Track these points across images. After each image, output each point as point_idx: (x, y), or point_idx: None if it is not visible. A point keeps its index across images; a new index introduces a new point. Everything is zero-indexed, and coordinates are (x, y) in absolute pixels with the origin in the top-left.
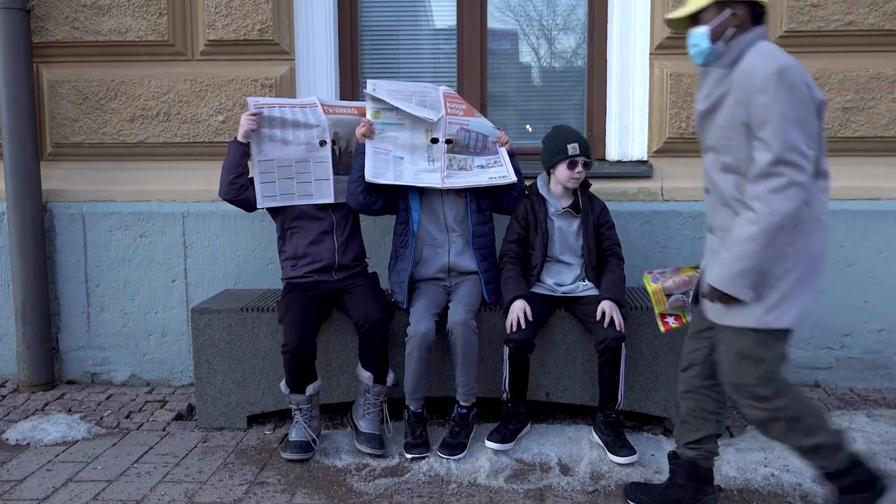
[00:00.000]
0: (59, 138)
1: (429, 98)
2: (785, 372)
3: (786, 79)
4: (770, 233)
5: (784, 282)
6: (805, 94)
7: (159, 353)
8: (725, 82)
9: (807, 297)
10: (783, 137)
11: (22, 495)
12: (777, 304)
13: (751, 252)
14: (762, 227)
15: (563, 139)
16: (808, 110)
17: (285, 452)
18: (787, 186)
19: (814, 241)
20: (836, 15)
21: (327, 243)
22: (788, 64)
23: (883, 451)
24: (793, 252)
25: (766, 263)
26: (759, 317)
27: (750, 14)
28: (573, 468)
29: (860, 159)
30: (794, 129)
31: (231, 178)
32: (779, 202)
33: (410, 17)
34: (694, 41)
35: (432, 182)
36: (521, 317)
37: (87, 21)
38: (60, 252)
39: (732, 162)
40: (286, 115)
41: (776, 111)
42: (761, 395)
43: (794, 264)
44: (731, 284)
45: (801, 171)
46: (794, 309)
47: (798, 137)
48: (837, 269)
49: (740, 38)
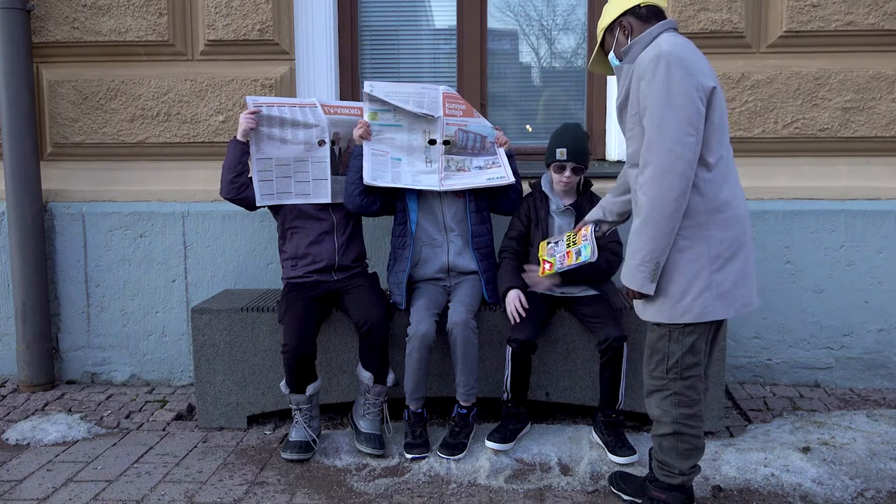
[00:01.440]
0: (59, 138)
1: (427, 99)
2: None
3: (661, 64)
4: (653, 222)
5: (685, 276)
6: (684, 79)
7: (159, 353)
8: (628, 76)
9: (718, 291)
10: (657, 124)
11: (22, 495)
12: (680, 299)
13: (641, 244)
14: (644, 217)
15: (555, 142)
16: (687, 97)
17: (285, 452)
18: (663, 174)
19: (715, 234)
20: (836, 15)
21: (327, 244)
22: (669, 51)
23: (883, 451)
24: (690, 245)
25: (660, 255)
26: (664, 311)
27: (636, 18)
28: (573, 468)
29: (860, 159)
30: (670, 115)
31: (231, 176)
32: (656, 191)
33: (410, 17)
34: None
35: (430, 184)
36: (517, 307)
37: (87, 21)
38: (60, 252)
39: (633, 153)
40: (285, 114)
41: (653, 98)
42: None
43: (694, 257)
44: (632, 278)
45: (677, 158)
46: (699, 303)
47: (674, 124)
48: (837, 269)
49: (642, 33)
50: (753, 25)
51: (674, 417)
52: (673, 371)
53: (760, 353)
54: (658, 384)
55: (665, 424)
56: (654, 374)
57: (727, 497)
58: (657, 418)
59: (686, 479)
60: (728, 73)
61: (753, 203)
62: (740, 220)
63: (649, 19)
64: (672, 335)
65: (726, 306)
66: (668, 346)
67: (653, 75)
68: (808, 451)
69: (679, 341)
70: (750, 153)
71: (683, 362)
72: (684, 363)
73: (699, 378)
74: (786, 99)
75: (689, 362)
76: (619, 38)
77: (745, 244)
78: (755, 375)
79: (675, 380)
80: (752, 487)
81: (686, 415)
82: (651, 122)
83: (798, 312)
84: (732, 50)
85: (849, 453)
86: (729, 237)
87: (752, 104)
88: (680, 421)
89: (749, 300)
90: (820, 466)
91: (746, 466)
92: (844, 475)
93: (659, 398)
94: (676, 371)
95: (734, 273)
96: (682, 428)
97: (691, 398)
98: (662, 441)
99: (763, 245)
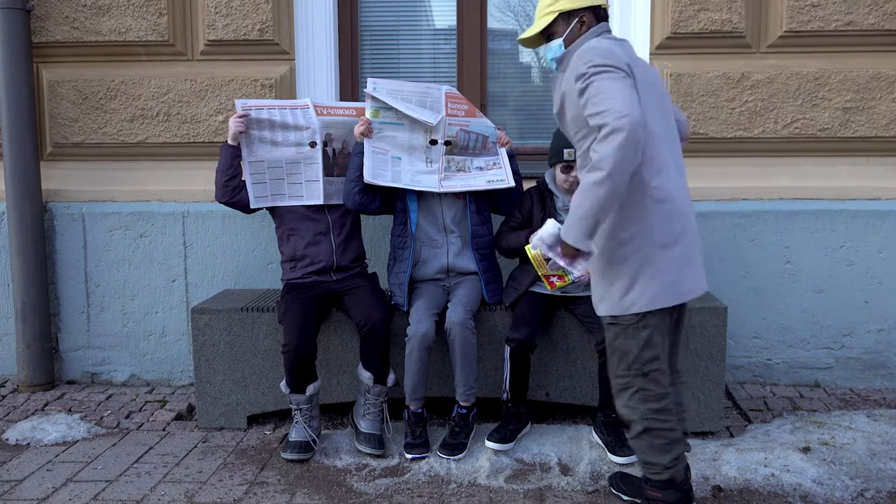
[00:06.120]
0: (59, 138)
1: (430, 99)
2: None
3: (585, 56)
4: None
5: (629, 266)
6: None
7: (159, 353)
8: (562, 84)
9: (663, 280)
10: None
11: (22, 495)
12: (627, 290)
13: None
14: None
15: (562, 142)
16: (622, 81)
17: (285, 452)
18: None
19: (656, 224)
20: (836, 15)
21: (325, 244)
22: (593, 45)
23: (883, 451)
24: (630, 237)
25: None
26: (614, 304)
27: (596, 18)
28: (573, 468)
29: (860, 159)
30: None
31: (224, 180)
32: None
33: (410, 17)
34: (551, 55)
35: (430, 185)
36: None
37: (87, 21)
38: (60, 252)
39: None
40: (275, 116)
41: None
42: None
43: (635, 248)
44: (570, 231)
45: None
46: (647, 293)
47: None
48: (837, 269)
49: (577, 40)
50: (753, 25)
51: (642, 414)
52: (634, 367)
53: (760, 353)
54: (622, 382)
55: (636, 423)
56: (617, 374)
57: (727, 497)
58: (627, 417)
59: (674, 472)
60: (728, 73)
61: (753, 203)
62: (684, 214)
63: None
64: (627, 331)
65: (673, 294)
66: (624, 342)
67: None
68: (808, 451)
69: (634, 336)
70: (750, 153)
71: (642, 357)
72: (643, 358)
73: (661, 372)
74: (786, 99)
75: (648, 356)
76: (574, 30)
77: (688, 230)
78: (755, 375)
79: (637, 376)
80: (752, 487)
81: (654, 409)
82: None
83: (798, 312)
84: (732, 50)
85: (849, 453)
86: (670, 226)
87: (752, 104)
88: (649, 417)
89: (695, 286)
90: (820, 466)
91: (746, 466)
92: (844, 475)
93: (626, 397)
94: (637, 367)
95: (677, 260)
96: (652, 423)
97: (656, 392)
98: (638, 441)
99: (763, 245)
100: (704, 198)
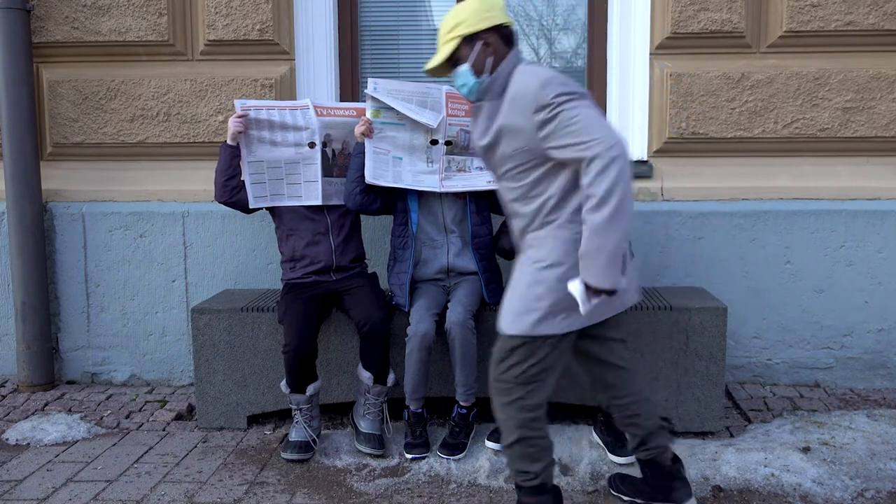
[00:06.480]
0: (59, 138)
1: (430, 99)
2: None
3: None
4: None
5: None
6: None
7: (159, 353)
8: (499, 113)
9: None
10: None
11: (22, 495)
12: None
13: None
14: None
15: None
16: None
17: (285, 452)
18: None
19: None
20: (836, 15)
21: (324, 245)
22: (541, 73)
23: (883, 451)
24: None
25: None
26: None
27: (501, 39)
28: (573, 468)
29: (860, 159)
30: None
31: (223, 180)
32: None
33: (410, 17)
34: (461, 81)
35: (430, 185)
36: None
37: (87, 21)
38: (60, 252)
39: (528, 186)
40: (274, 117)
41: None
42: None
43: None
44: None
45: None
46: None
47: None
48: (837, 269)
49: (500, 66)
50: (753, 25)
51: (518, 422)
52: (521, 377)
53: (760, 353)
54: (503, 387)
55: (511, 430)
56: (500, 378)
57: (727, 497)
58: (502, 422)
59: (544, 478)
60: (728, 73)
61: (753, 203)
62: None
63: (507, 42)
64: (528, 348)
65: (587, 317)
66: (522, 355)
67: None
68: (808, 451)
69: (535, 354)
70: (750, 153)
71: (531, 371)
72: (531, 371)
73: (546, 384)
74: (786, 99)
75: (537, 370)
76: (479, 55)
77: None
78: (755, 375)
79: (521, 384)
80: (752, 487)
81: (531, 419)
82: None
83: (798, 312)
84: (732, 50)
85: (849, 453)
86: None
87: (752, 104)
88: (526, 425)
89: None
90: (820, 466)
91: (746, 466)
92: (844, 475)
93: (503, 402)
94: (524, 377)
95: None
96: (527, 432)
97: (535, 403)
98: (511, 451)
99: (763, 245)
100: (704, 198)
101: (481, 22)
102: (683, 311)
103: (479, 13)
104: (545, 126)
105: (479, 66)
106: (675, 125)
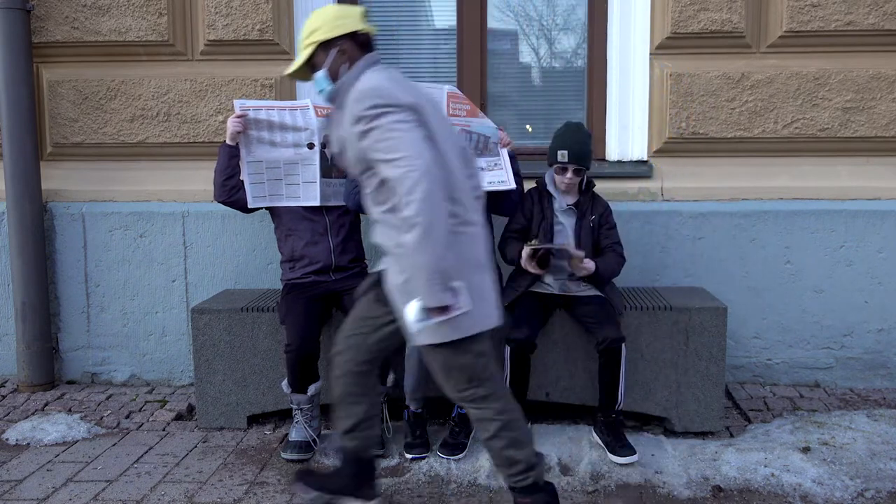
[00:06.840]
0: (59, 138)
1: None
2: None
3: (363, 99)
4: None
5: None
6: (392, 105)
7: (159, 353)
8: (340, 121)
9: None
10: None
11: (22, 495)
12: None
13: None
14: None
15: (557, 143)
16: (406, 123)
17: (285, 452)
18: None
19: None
20: (836, 15)
21: (323, 245)
22: (367, 84)
23: (883, 451)
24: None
25: (443, 260)
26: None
27: (358, 45)
28: (573, 468)
29: (860, 159)
30: (394, 143)
31: (222, 179)
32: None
33: (410, 17)
34: (319, 87)
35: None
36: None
37: (87, 21)
38: (60, 252)
39: (375, 189)
40: (273, 117)
41: (375, 134)
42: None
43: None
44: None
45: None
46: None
47: (404, 149)
48: (837, 269)
49: (348, 73)
50: (753, 25)
51: (495, 411)
52: (475, 379)
53: (760, 353)
54: (467, 395)
55: (489, 422)
56: (458, 389)
57: (727, 497)
58: (478, 418)
59: (536, 475)
60: (728, 73)
61: (753, 203)
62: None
63: (363, 48)
64: (457, 349)
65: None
66: (459, 360)
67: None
68: (808, 451)
69: (469, 350)
70: (750, 153)
71: (477, 366)
72: (478, 366)
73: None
74: (786, 99)
75: (482, 363)
76: (335, 61)
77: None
78: (755, 375)
79: (483, 382)
80: (753, 487)
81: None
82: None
83: (798, 312)
84: (732, 50)
85: (849, 453)
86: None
87: (752, 104)
88: (506, 410)
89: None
90: (820, 466)
91: (746, 466)
92: (844, 475)
93: (473, 405)
94: (477, 378)
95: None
96: (505, 416)
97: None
98: (496, 442)
99: (763, 245)
100: (704, 198)
101: (335, 29)
102: (683, 311)
103: (334, 20)
104: (363, 138)
105: (335, 72)
106: (675, 125)
